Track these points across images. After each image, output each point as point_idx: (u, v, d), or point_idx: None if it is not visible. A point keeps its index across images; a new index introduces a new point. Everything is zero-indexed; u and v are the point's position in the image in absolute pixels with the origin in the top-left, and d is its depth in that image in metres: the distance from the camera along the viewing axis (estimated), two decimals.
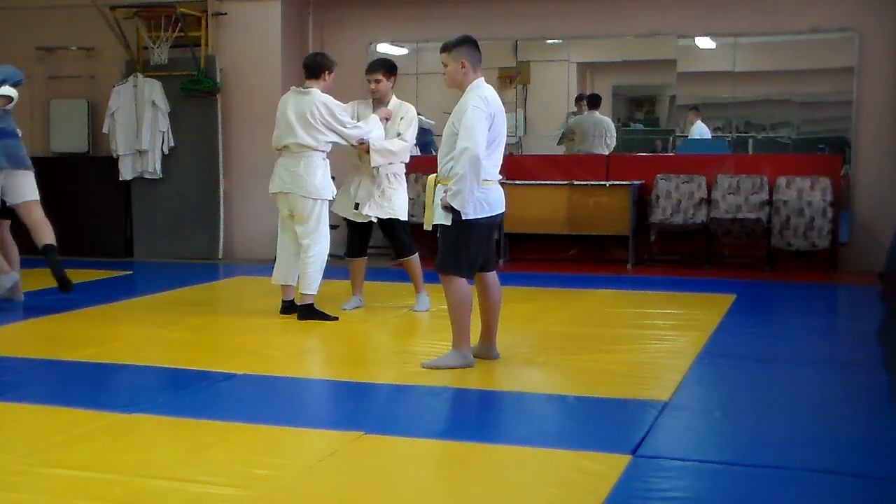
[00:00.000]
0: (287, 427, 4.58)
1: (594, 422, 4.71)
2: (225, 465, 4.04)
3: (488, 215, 5.54)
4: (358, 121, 7.24)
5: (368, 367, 6.16)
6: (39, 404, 4.98)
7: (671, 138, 11.67)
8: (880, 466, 4.07)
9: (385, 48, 11.42)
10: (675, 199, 10.15)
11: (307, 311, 7.10)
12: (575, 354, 6.03)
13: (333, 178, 7.28)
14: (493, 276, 5.77)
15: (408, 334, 6.96)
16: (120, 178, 10.97)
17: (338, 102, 7.14)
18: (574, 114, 11.62)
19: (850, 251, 9.94)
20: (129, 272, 10.20)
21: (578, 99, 11.66)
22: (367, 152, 7.17)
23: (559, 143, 11.52)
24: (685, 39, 10.85)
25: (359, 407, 5.14)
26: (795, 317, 7.82)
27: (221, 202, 10.93)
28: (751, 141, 11.32)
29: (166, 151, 10.92)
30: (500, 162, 5.68)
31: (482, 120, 5.41)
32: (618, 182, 10.21)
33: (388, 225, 7.41)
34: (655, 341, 6.46)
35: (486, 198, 5.51)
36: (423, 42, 11.37)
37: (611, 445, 4.22)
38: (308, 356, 6.37)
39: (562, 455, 4.15)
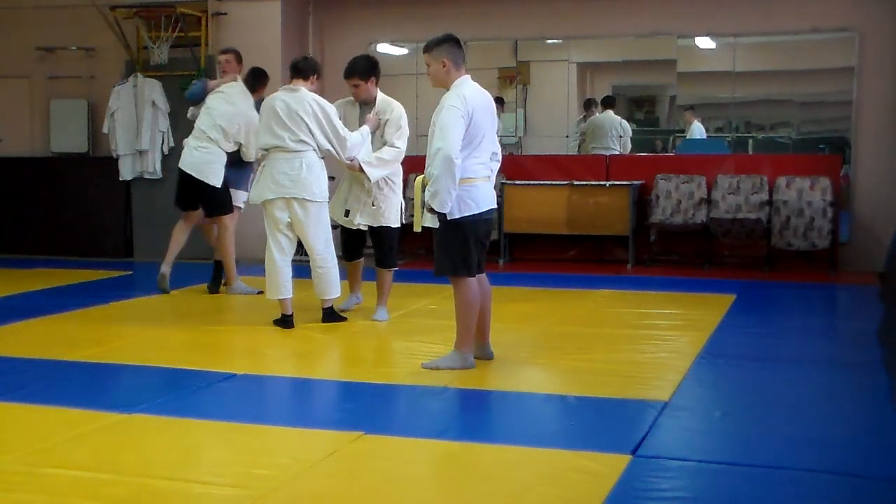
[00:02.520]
0: (287, 427, 4.58)
1: (594, 422, 4.71)
2: (225, 465, 4.04)
3: (475, 213, 5.49)
4: (344, 122, 6.93)
5: (368, 367, 6.16)
6: (39, 404, 4.98)
7: (671, 138, 11.67)
8: (880, 466, 4.07)
9: (385, 48, 11.42)
10: (675, 199, 10.14)
11: (331, 314, 7.01)
12: (575, 354, 6.03)
13: (332, 178, 7.21)
14: (482, 277, 5.74)
15: (407, 334, 6.95)
16: (120, 178, 10.96)
17: (330, 105, 6.85)
18: (583, 119, 11.64)
19: (850, 251, 9.94)
20: (129, 272, 10.20)
21: (587, 104, 11.69)
22: (361, 170, 6.90)
23: (578, 149, 11.56)
24: (685, 39, 10.85)
25: (359, 407, 5.14)
26: (795, 317, 7.82)
27: None
28: (751, 141, 11.31)
29: (166, 151, 10.91)
30: (492, 159, 5.61)
31: (458, 119, 5.35)
32: (618, 182, 10.20)
33: (377, 232, 7.19)
34: (655, 341, 6.46)
35: (470, 196, 5.45)
36: (423, 42, 11.29)
37: (611, 445, 4.23)
38: (308, 356, 6.37)
39: (562, 455, 4.15)
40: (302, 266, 7.31)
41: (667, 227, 10.15)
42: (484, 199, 5.54)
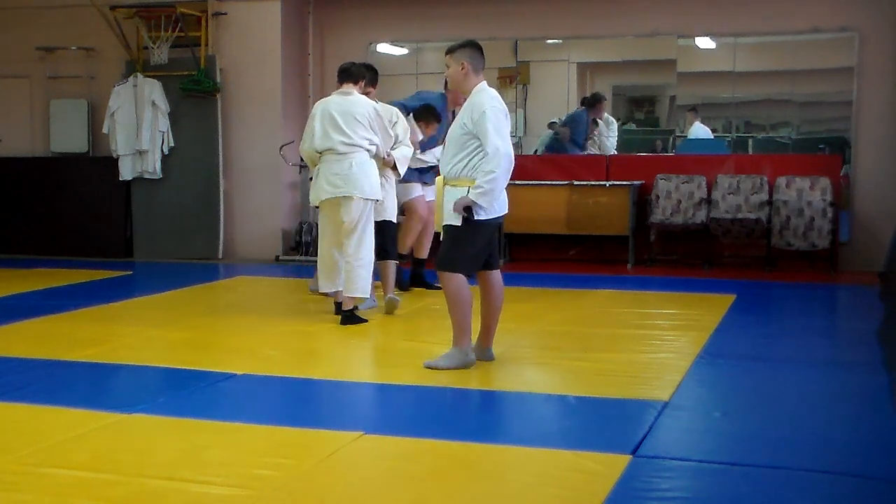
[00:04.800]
0: (287, 427, 4.57)
1: (594, 422, 4.70)
2: (225, 465, 4.04)
3: (496, 216, 5.58)
4: None
5: (369, 367, 6.16)
6: (39, 404, 4.97)
7: (671, 138, 11.66)
8: (880, 466, 4.07)
9: (385, 48, 11.43)
10: (675, 199, 10.15)
11: (350, 317, 7.00)
12: (575, 354, 6.03)
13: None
14: (496, 276, 5.74)
15: (408, 334, 6.95)
16: (120, 178, 10.98)
17: (379, 107, 7.15)
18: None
19: (850, 251, 9.94)
20: (129, 272, 10.20)
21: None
22: (394, 168, 7.27)
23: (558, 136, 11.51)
24: (685, 39, 10.84)
25: (359, 407, 5.15)
26: (795, 317, 7.82)
27: (221, 202, 10.93)
28: (751, 141, 11.31)
29: (166, 151, 10.92)
30: None
31: (503, 119, 5.48)
32: (618, 182, 10.21)
33: (377, 226, 7.28)
34: (655, 341, 6.46)
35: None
36: (423, 42, 11.37)
37: (611, 445, 4.22)
38: (308, 356, 6.37)
39: (562, 455, 4.14)
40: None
41: (667, 227, 10.16)
42: (502, 202, 5.63)
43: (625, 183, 10.15)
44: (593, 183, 10.24)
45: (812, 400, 5.18)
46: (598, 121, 11.26)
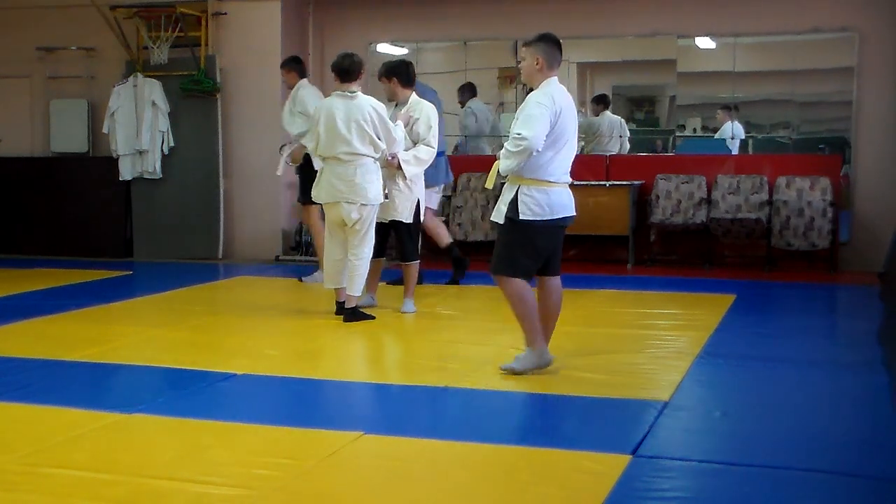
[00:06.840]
0: (287, 427, 4.58)
1: (594, 422, 4.71)
2: (225, 465, 4.04)
3: (548, 219, 5.40)
4: None
5: (369, 367, 6.16)
6: (39, 404, 4.98)
7: (671, 138, 11.66)
8: (880, 466, 4.07)
9: (385, 48, 11.42)
10: (675, 199, 10.15)
11: (353, 314, 7.04)
12: (575, 354, 6.02)
13: None
14: (554, 281, 5.62)
15: (409, 335, 6.95)
16: (120, 178, 10.97)
17: (383, 105, 7.10)
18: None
19: (850, 251, 9.94)
20: (129, 272, 10.20)
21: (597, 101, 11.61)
22: (399, 168, 7.19)
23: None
24: (685, 39, 10.83)
25: (359, 407, 5.15)
26: (795, 317, 7.82)
27: (221, 202, 10.93)
28: (751, 141, 11.30)
29: (166, 151, 10.92)
30: (569, 164, 5.54)
31: (544, 115, 5.30)
32: (618, 182, 10.20)
33: (395, 227, 7.40)
34: (655, 341, 6.46)
35: (547, 200, 5.38)
36: (423, 42, 11.38)
37: (611, 445, 4.22)
38: (308, 356, 6.36)
39: (562, 455, 4.15)
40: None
41: (667, 227, 10.16)
42: (559, 205, 5.46)
43: (625, 183, 10.15)
44: (593, 183, 10.23)
45: (812, 400, 5.18)
46: None
